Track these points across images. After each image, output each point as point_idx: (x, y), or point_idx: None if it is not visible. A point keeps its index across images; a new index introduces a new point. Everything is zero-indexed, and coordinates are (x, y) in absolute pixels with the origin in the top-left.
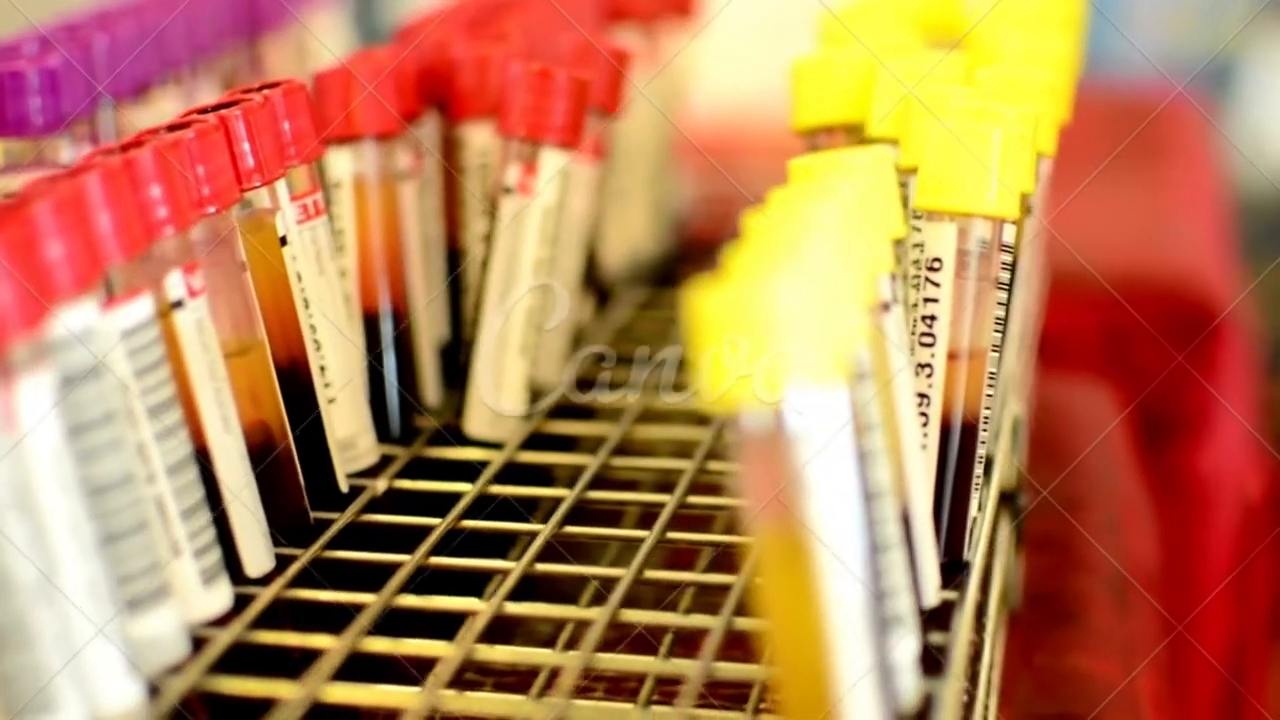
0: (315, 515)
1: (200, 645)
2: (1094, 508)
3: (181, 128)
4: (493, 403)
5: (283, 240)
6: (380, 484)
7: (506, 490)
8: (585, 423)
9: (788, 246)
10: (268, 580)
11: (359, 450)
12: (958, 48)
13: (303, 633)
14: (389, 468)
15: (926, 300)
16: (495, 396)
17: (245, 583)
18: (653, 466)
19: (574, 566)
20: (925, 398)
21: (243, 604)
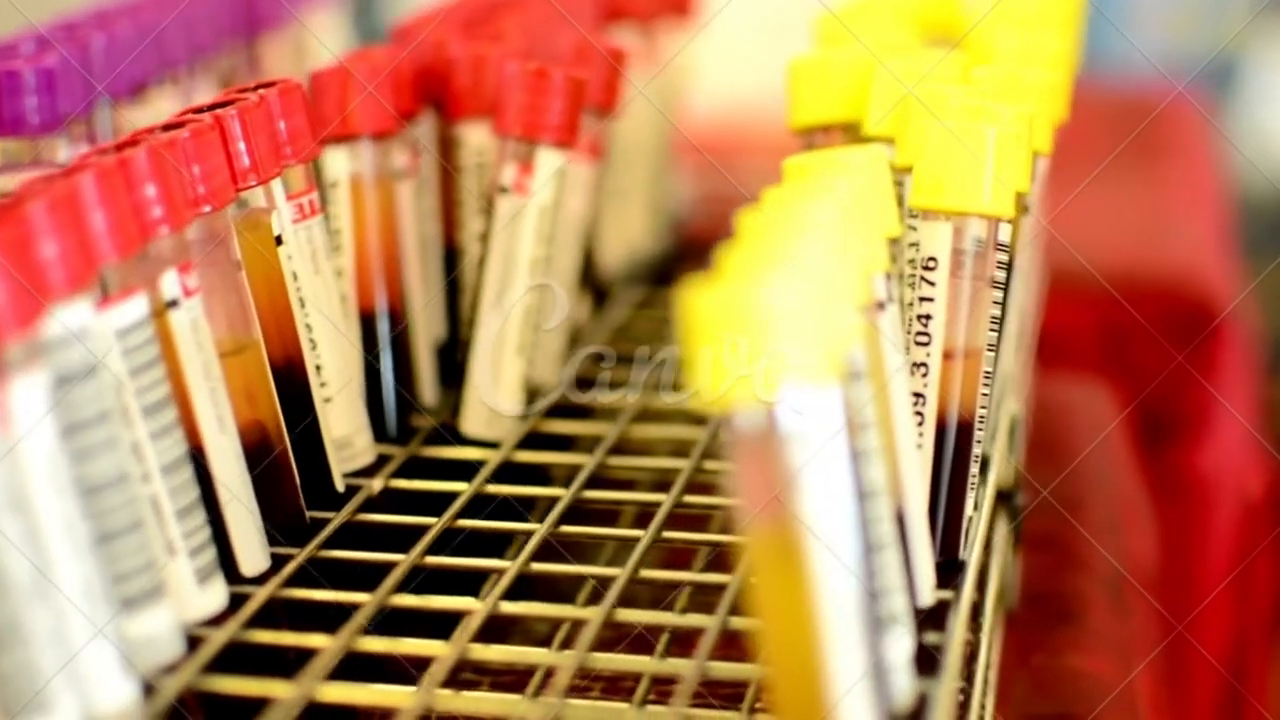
0: (311, 514)
1: (195, 644)
2: (1092, 507)
3: (177, 127)
4: (490, 402)
5: (278, 239)
6: (376, 483)
7: (503, 490)
8: (582, 422)
9: (781, 245)
10: (263, 579)
11: (355, 449)
12: (957, 48)
13: (298, 632)
14: (385, 467)
15: (922, 299)
16: (492, 396)
17: (241, 582)
18: (649, 466)
19: (570, 566)
20: (921, 397)
21: (238, 603)
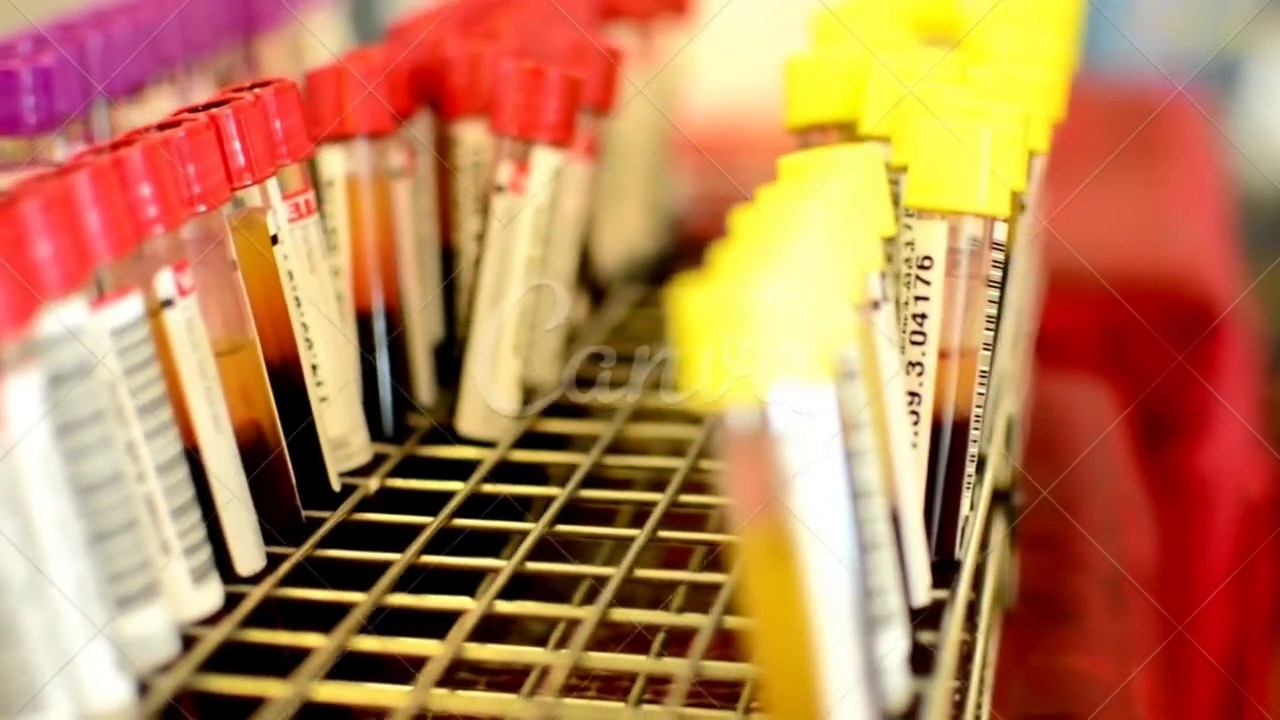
0: (307, 514)
1: (190, 644)
2: (1091, 507)
3: (172, 126)
4: (487, 401)
5: (274, 239)
6: (373, 482)
7: (499, 489)
8: (578, 421)
9: (775, 244)
10: (259, 579)
11: (351, 449)
12: (955, 47)
13: (294, 631)
14: (381, 466)
15: (917, 298)
16: (489, 395)
17: (236, 581)
18: (646, 465)
19: (565, 565)
20: (916, 396)
21: (233, 602)
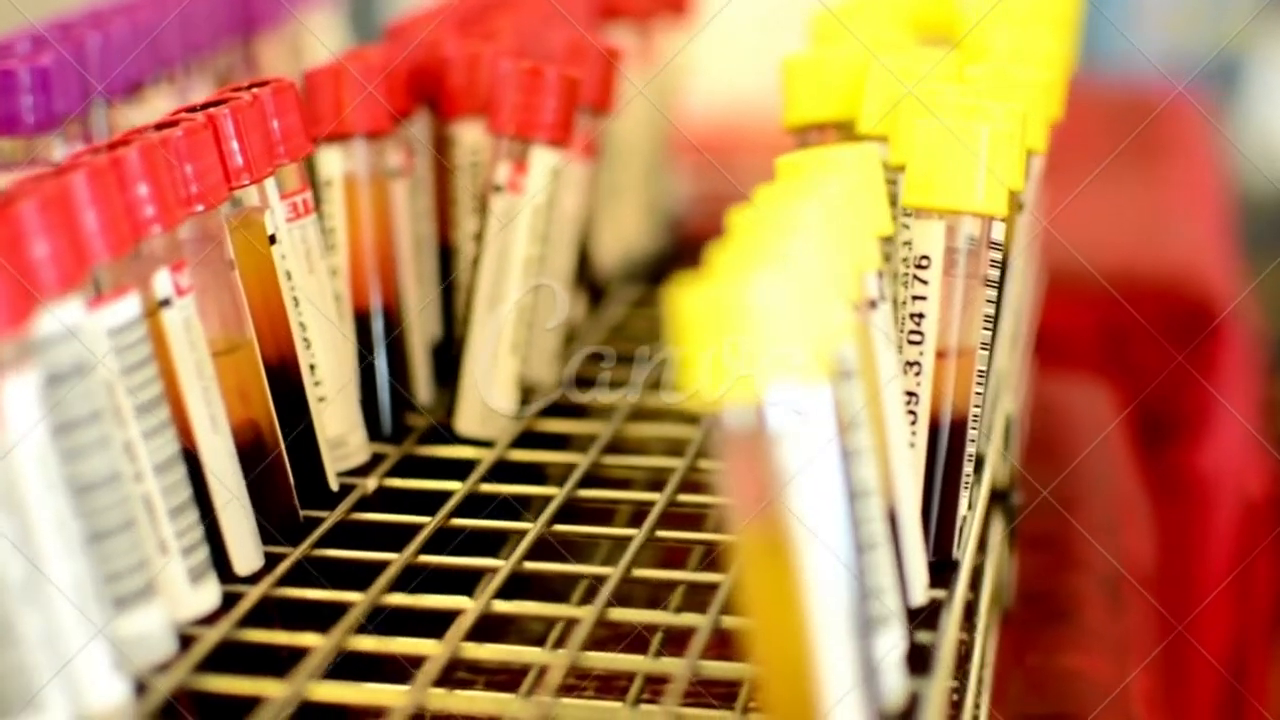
0: (305, 513)
1: (188, 643)
2: (1089, 507)
3: (170, 126)
4: (485, 401)
5: (272, 239)
6: (371, 482)
7: (497, 488)
8: (577, 421)
9: (771, 244)
10: (257, 578)
11: (350, 448)
12: (954, 48)
13: (291, 631)
14: (380, 466)
15: (915, 298)
16: (487, 394)
17: (234, 581)
18: (644, 465)
19: (563, 565)
20: (914, 396)
21: (231, 602)
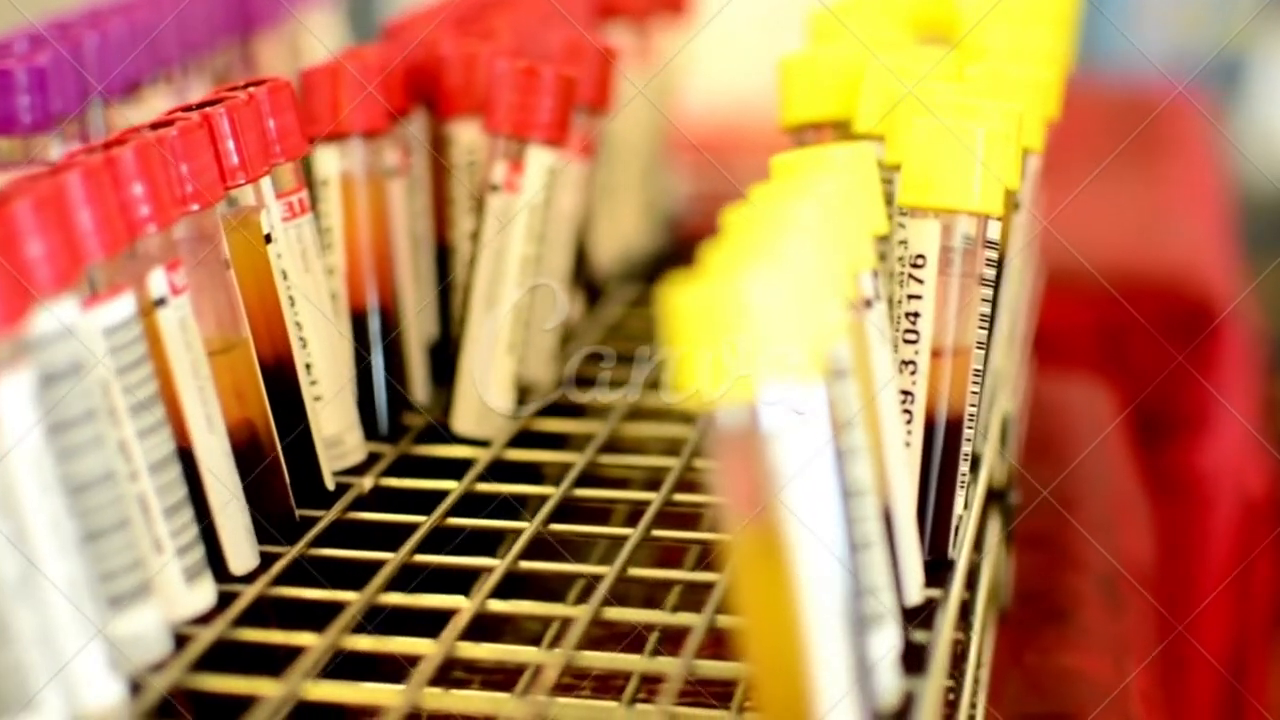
0: (301, 513)
1: (183, 643)
2: (1086, 506)
3: (165, 125)
4: (481, 400)
5: (267, 238)
6: (367, 481)
7: (493, 488)
8: (574, 420)
9: (765, 243)
10: (252, 578)
11: (346, 448)
12: (954, 48)
13: (287, 630)
14: (376, 465)
15: (910, 297)
16: (484, 394)
17: (230, 580)
18: (641, 464)
19: (559, 564)
20: (909, 395)
21: (227, 601)
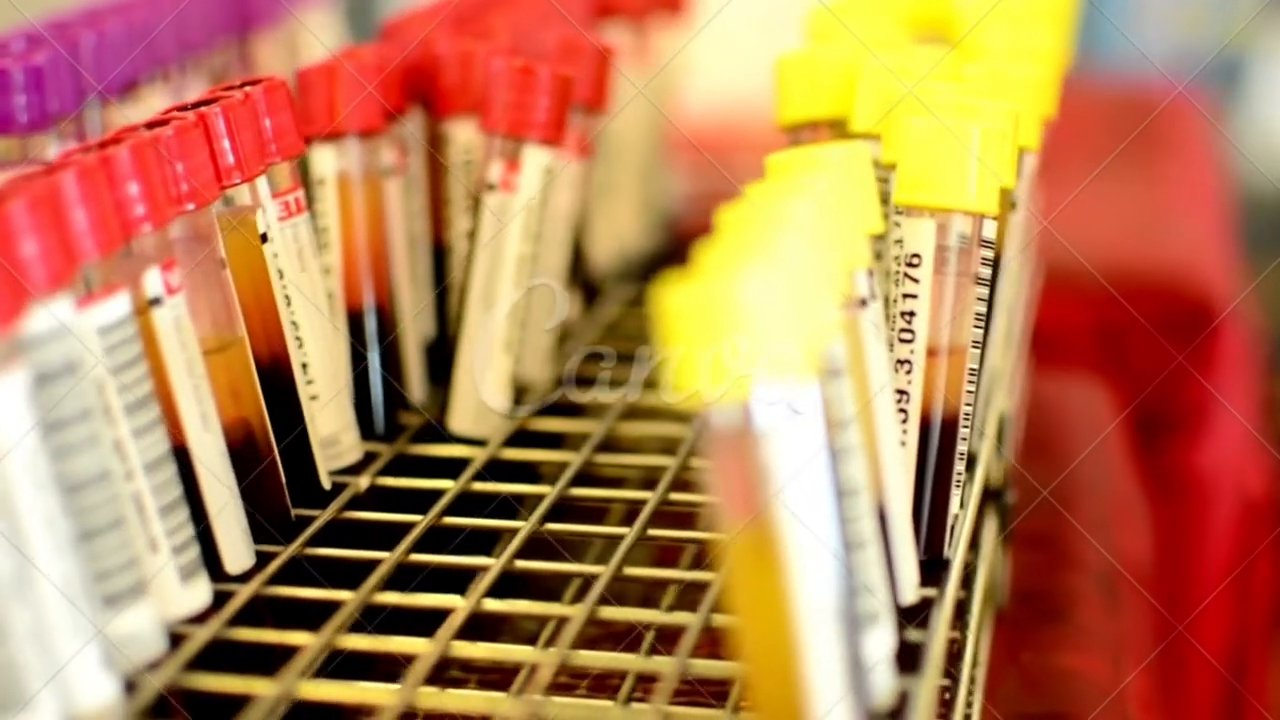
0: (297, 512)
1: (178, 642)
2: (1084, 505)
3: (161, 125)
4: (478, 399)
5: (263, 237)
6: (363, 481)
7: (490, 487)
8: (571, 419)
9: (759, 242)
10: (248, 577)
11: (342, 447)
12: (953, 48)
13: (283, 630)
14: (372, 464)
15: (906, 296)
16: (480, 393)
17: (225, 579)
18: (637, 463)
19: (555, 563)
20: (905, 394)
21: (222, 600)
